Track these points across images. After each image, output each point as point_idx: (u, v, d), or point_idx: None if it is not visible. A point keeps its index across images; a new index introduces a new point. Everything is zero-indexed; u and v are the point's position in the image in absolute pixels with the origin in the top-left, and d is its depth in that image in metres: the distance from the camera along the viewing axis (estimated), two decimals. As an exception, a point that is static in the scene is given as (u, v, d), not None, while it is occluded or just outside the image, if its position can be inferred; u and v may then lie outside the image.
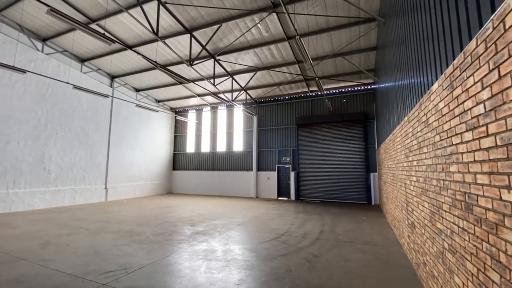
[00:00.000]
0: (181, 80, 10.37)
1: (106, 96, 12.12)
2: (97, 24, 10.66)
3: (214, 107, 19.87)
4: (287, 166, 16.58)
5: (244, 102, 18.05)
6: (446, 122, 2.88)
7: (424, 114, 3.78)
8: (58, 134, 12.69)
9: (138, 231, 7.50)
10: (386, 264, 5.05)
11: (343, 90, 15.56)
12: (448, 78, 2.77)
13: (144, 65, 14.27)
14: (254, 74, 14.23)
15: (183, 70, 14.25)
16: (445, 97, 2.90)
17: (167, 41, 11.48)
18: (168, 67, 12.60)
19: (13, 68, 8.80)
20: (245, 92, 16.66)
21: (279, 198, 16.48)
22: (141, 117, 17.90)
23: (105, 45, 12.52)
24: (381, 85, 10.48)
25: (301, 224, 8.72)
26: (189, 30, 10.62)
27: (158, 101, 19.61)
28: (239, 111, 18.92)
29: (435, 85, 3.23)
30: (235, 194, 17.92)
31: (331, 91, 15.85)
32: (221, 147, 19.29)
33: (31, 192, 11.48)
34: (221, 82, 14.20)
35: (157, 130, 19.39)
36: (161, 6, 9.15)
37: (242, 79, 15.16)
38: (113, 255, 5.43)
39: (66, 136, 13.05)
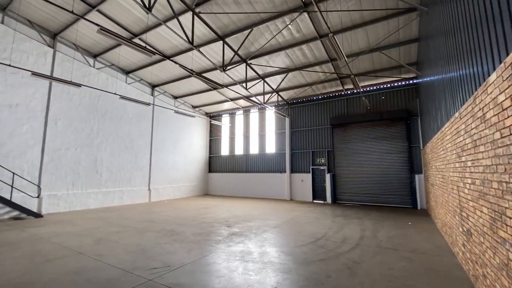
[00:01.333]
0: (215, 85, 10.74)
1: (148, 104, 13.06)
2: (139, 38, 11.57)
3: (246, 110, 20.19)
4: (322, 168, 16.12)
5: (276, 104, 18.03)
6: (509, 117, 2.55)
7: (480, 109, 3.39)
8: (108, 141, 14.00)
9: (179, 231, 7.90)
10: (437, 275, 4.60)
11: (382, 86, 14.67)
12: (510, 67, 2.44)
13: (181, 74, 15.08)
14: (286, 76, 14.15)
15: (216, 76, 14.75)
16: (506, 89, 2.57)
17: (201, 49, 12.00)
18: (202, 74, 13.14)
19: (71, 83, 9.96)
20: (276, 94, 16.65)
21: (314, 201, 16.07)
22: (179, 122, 18.92)
23: (146, 57, 13.53)
24: (425, 79, 9.66)
25: (339, 229, 8.38)
26: (221, 37, 10.97)
27: (194, 107, 20.55)
28: (271, 113, 18.95)
29: (493, 76, 2.87)
30: (268, 196, 17.93)
31: (368, 88, 15.06)
32: (254, 150, 19.49)
33: (87, 193, 12.81)
34: (253, 86, 14.38)
35: (193, 135, 20.31)
36: (195, 16, 9.61)
37: (274, 81, 15.17)
38: (157, 253, 5.79)
39: (115, 142, 14.34)
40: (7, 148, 10.22)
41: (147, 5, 7.62)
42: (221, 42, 11.37)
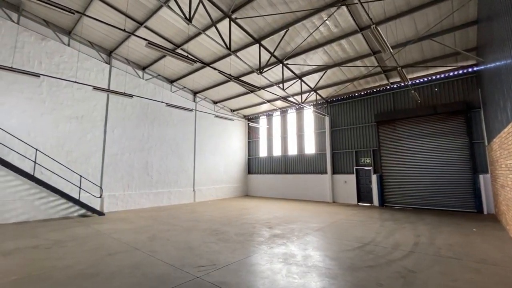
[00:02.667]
0: (252, 88, 10.89)
1: (191, 110, 13.82)
2: (182, 49, 12.33)
3: (283, 111, 20.06)
4: (367, 168, 15.17)
5: (314, 103, 17.56)
6: None
7: None
8: (157, 145, 15.17)
9: (223, 230, 8.16)
10: (516, 291, 3.95)
11: (434, 77, 13.27)
12: None
13: (220, 79, 15.65)
14: (324, 73, 13.69)
15: (253, 78, 14.96)
16: None
17: (238, 53, 12.29)
18: (240, 78, 13.45)
19: (124, 94, 11.05)
20: (315, 93, 16.21)
21: (360, 204, 15.19)
22: (219, 126, 19.65)
23: (188, 66, 14.35)
24: (489, 65, 8.45)
25: (389, 234, 7.77)
26: (257, 40, 11.10)
27: (233, 111, 21.14)
28: (309, 113, 18.52)
29: None
30: (309, 198, 17.48)
31: (417, 81, 13.76)
32: (292, 150, 19.23)
33: (140, 194, 14.02)
34: (290, 86, 14.22)
35: (233, 137, 20.87)
36: (232, 22, 9.89)
37: (311, 80, 14.80)
38: (203, 251, 6.05)
39: (162, 146, 15.47)
40: (75, 154, 11.74)
41: (187, 16, 8.07)
42: (257, 45, 11.50)
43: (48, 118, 11.07)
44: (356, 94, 16.06)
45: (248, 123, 18.86)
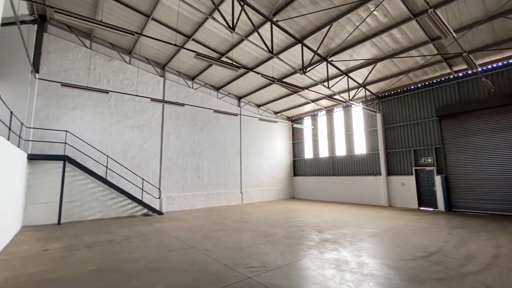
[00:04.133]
0: (295, 89, 10.76)
1: (236, 114, 14.30)
2: (226, 57, 12.87)
3: (329, 110, 19.30)
4: (428, 168, 13.59)
5: (364, 99, 16.49)
6: None
7: None
8: (206, 150, 16.06)
9: (271, 233, 8.19)
10: None
11: (510, 61, 11.26)
12: None
13: (263, 83, 15.86)
14: (374, 67, 12.77)
15: (296, 79, 14.78)
16: None
17: (280, 55, 12.29)
18: (283, 80, 13.41)
19: (177, 103, 12.00)
20: (363, 89, 15.23)
21: (421, 208, 13.67)
22: (263, 129, 19.88)
23: (232, 73, 14.91)
24: None
25: (460, 243, 6.81)
26: (299, 40, 10.94)
27: (276, 113, 21.18)
28: (357, 111, 17.45)
29: None
30: (360, 201, 16.40)
31: (489, 66, 11.85)
32: (340, 151, 18.32)
33: (193, 195, 14.99)
34: (335, 84, 13.63)
35: (277, 139, 20.89)
36: (273, 25, 9.95)
37: (359, 75, 13.95)
38: (253, 252, 6.15)
39: (211, 150, 16.32)
40: (138, 160, 13.15)
41: (231, 25, 8.40)
42: (299, 45, 11.34)
43: (115, 128, 12.65)
44: (412, 87, 14.57)
45: (292, 125, 18.67)
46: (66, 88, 10.90)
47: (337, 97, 16.64)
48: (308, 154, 20.78)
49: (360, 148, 17.15)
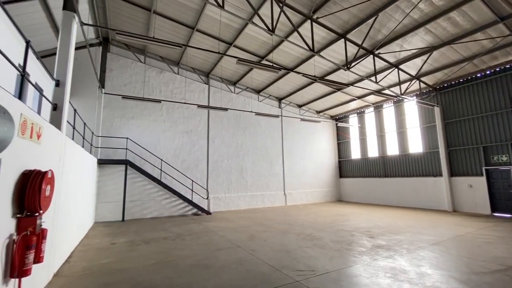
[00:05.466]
0: (339, 86, 10.30)
1: (277, 116, 14.30)
2: (266, 59, 12.99)
3: (377, 107, 17.97)
4: (503, 168, 11.67)
5: (418, 92, 14.97)
6: None
7: None
8: (249, 152, 16.39)
9: (317, 236, 7.94)
10: None
11: None
12: None
13: (304, 82, 15.57)
14: (429, 56, 11.49)
15: (340, 76, 14.15)
16: None
17: (322, 53, 11.92)
18: (325, 78, 12.99)
19: (221, 108, 12.53)
20: (417, 81, 13.82)
21: (495, 214, 11.79)
22: (305, 129, 19.47)
23: (272, 75, 14.97)
24: None
25: (551, 257, 5.66)
26: (342, 35, 10.47)
27: (318, 112, 20.56)
28: (411, 105, 15.90)
29: None
30: (417, 205, 14.82)
31: None
32: (392, 150, 16.88)
33: (237, 196, 15.42)
34: (384, 77, 12.66)
35: (320, 140, 20.22)
36: (313, 23, 9.71)
37: (412, 67, 12.71)
38: (300, 255, 6.04)
39: (254, 152, 16.59)
40: (187, 163, 14.07)
41: (270, 27, 8.45)
42: (342, 40, 10.85)
43: (168, 134, 13.75)
44: (479, 75, 12.71)
45: (337, 124, 17.87)
46: (126, 100, 12.29)
47: (386, 91, 15.42)
48: (355, 154, 19.65)
49: (416, 146, 15.57)
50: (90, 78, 11.86)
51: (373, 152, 18.22)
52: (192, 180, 13.83)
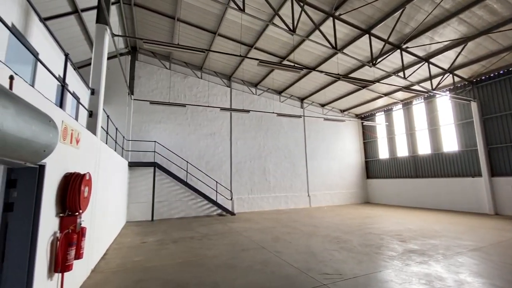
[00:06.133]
0: (364, 83, 9.94)
1: (299, 116, 14.13)
2: (287, 60, 12.92)
3: (406, 103, 17.06)
4: (554, 166, 10.50)
5: (452, 87, 14.00)
6: None
7: None
8: (271, 153, 16.37)
9: (344, 239, 7.71)
10: None
11: None
12: None
13: (326, 81, 15.24)
14: (463, 47, 10.70)
15: (364, 72, 13.66)
16: None
17: (345, 50, 11.59)
18: (349, 75, 12.61)
19: (242, 110, 12.65)
20: (450, 75, 12.92)
21: (546, 217, 10.64)
22: (329, 129, 19.02)
23: (294, 75, 14.84)
24: None
25: None
26: (366, 31, 10.12)
27: (342, 111, 19.99)
28: (444, 101, 14.89)
29: None
30: (452, 208, 13.81)
31: None
32: (424, 149, 15.91)
33: (261, 197, 15.45)
34: (413, 72, 11.98)
35: (345, 139, 19.63)
36: (335, 20, 9.49)
37: (444, 60, 11.92)
38: (326, 258, 5.90)
39: (276, 153, 16.53)
40: (211, 164, 14.38)
41: (291, 27, 8.39)
42: (366, 36, 10.46)
43: (192, 137, 14.17)
44: (522, 65, 11.58)
45: (362, 122, 17.25)
46: (153, 105, 12.87)
47: (416, 87, 14.60)
48: (383, 154, 18.81)
49: (450, 144, 14.55)
50: (120, 85, 12.59)
51: (402, 151, 17.32)
52: (216, 181, 14.10)
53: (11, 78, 2.44)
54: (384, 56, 11.36)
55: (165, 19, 11.22)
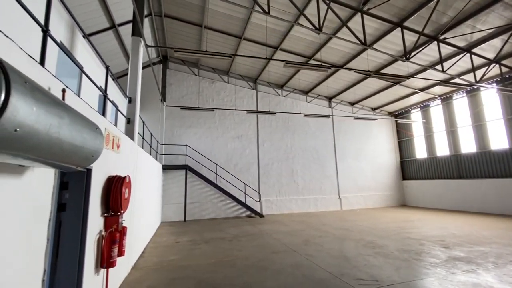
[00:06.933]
0: (397, 79, 9.41)
1: (327, 116, 13.78)
2: (314, 59, 12.70)
3: (446, 98, 15.79)
4: None
5: (499, 78, 12.68)
6: None
7: None
8: (299, 154, 16.14)
9: (380, 244, 7.33)
10: None
11: None
12: None
13: (356, 78, 14.69)
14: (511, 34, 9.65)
15: (397, 68, 12.93)
16: None
17: (375, 45, 11.09)
18: (380, 72, 12.02)
19: (269, 112, 12.67)
20: (497, 65, 11.70)
21: None
22: (359, 128, 18.27)
23: (320, 74, 14.53)
24: None
25: None
26: (398, 24, 9.59)
27: (374, 109, 19.10)
28: (490, 94, 13.52)
29: None
30: (504, 212, 12.39)
31: None
32: (468, 147, 14.57)
33: (289, 199, 15.29)
34: (452, 65, 11.08)
35: (378, 138, 18.70)
36: (364, 15, 9.13)
37: (488, 49, 10.85)
38: (361, 263, 5.65)
39: (304, 154, 16.27)
40: (239, 166, 14.58)
41: (317, 26, 8.24)
42: (398, 29, 9.91)
43: (221, 140, 14.52)
44: None
45: (396, 120, 16.29)
46: (184, 110, 13.42)
47: (456, 80, 13.47)
48: (420, 153, 17.59)
49: (499, 142, 13.15)
50: (153, 93, 13.34)
51: (442, 150, 16.04)
52: (245, 183, 14.26)
53: (63, 91, 2.72)
54: (419, 49, 10.64)
55: (193, 27, 11.68)
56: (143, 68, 12.94)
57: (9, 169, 1.92)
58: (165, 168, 12.51)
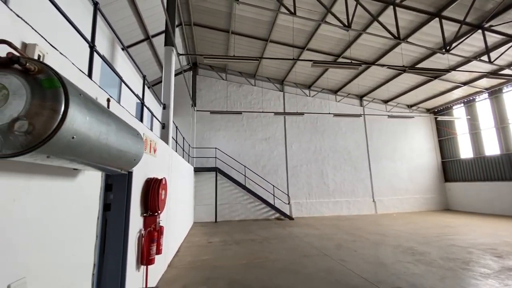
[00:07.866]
0: (436, 73, 8.75)
1: (359, 115, 13.24)
2: (343, 57, 12.32)
3: (494, 92, 14.27)
4: None
5: (561, 66, 11.15)
6: None
7: None
8: (329, 155, 15.70)
9: (420, 251, 6.83)
10: None
11: None
12: None
13: (389, 74, 13.93)
14: None
15: (435, 61, 12.01)
16: None
17: (409, 39, 10.42)
18: (416, 66, 11.30)
19: (296, 113, 12.54)
20: (558, 51, 10.32)
21: None
22: (394, 127, 17.26)
23: (350, 72, 14.04)
24: None
25: None
26: (435, 14, 8.93)
27: (409, 106, 17.93)
28: (550, 84, 11.93)
29: None
30: None
31: None
32: (524, 145, 12.99)
33: (319, 202, 14.92)
34: (501, 55, 10.01)
35: (415, 137, 17.48)
36: (396, 8, 8.66)
37: (547, 33, 9.62)
38: (400, 271, 5.32)
39: (334, 156, 15.78)
40: (267, 168, 14.61)
41: (346, 23, 7.99)
42: (436, 19, 9.22)
43: (248, 142, 14.68)
44: None
45: (436, 118, 15.12)
46: (213, 114, 13.83)
47: (507, 71, 12.13)
48: (465, 153, 16.09)
49: None
50: (184, 99, 13.95)
51: (491, 149, 14.50)
52: (273, 185, 14.23)
53: (108, 100, 2.98)
54: (461, 40, 9.78)
55: (220, 34, 12.03)
56: (175, 75, 13.61)
57: (66, 172, 2.15)
58: (197, 170, 12.98)
